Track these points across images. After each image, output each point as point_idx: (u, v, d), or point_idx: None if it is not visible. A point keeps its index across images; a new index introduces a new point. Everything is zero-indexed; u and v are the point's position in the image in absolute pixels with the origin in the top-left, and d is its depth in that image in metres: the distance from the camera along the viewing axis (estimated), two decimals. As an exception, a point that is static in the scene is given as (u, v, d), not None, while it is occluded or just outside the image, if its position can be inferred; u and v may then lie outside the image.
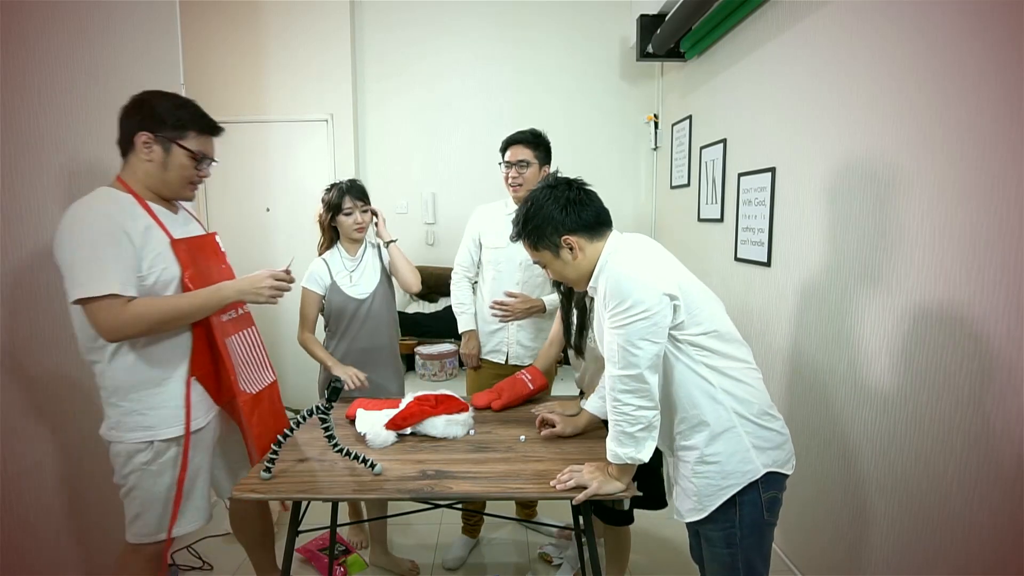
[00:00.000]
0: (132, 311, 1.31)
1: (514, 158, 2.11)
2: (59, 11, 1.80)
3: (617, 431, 1.29)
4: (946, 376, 1.43)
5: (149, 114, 1.39)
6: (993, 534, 1.30)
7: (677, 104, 3.46)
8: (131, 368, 1.42)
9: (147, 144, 1.40)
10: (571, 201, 1.32)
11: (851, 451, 1.79)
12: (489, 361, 2.23)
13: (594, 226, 1.33)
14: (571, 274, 1.36)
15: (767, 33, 2.28)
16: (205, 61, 3.56)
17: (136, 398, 1.43)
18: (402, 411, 1.64)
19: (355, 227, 2.01)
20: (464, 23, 3.74)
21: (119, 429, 1.44)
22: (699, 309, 1.28)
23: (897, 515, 1.60)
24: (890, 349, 1.61)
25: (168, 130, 1.40)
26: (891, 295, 1.60)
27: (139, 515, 1.49)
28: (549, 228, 1.32)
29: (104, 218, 1.33)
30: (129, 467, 1.46)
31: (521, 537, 2.47)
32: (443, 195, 3.82)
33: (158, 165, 1.42)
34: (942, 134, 1.41)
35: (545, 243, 1.33)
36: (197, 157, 1.45)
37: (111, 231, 1.32)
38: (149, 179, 1.43)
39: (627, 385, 1.24)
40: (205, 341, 1.50)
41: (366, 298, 2.03)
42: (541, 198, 1.34)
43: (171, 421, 1.46)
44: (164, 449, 1.46)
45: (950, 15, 1.39)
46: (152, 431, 1.44)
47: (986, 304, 1.31)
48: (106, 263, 1.30)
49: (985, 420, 1.32)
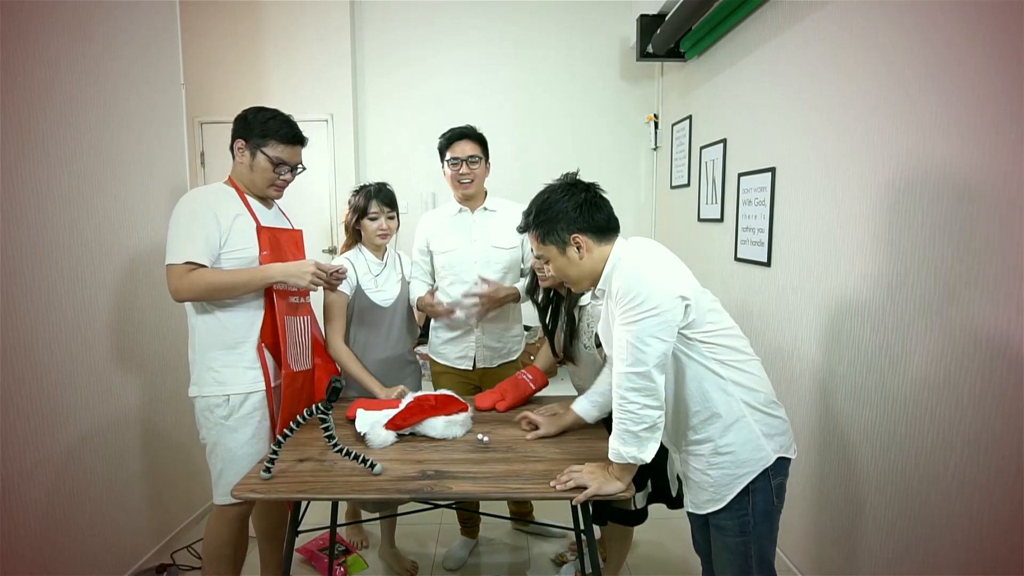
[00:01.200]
0: (190, 278, 1.54)
1: (464, 154, 2.03)
2: (59, 11, 1.80)
3: (621, 429, 1.29)
4: (946, 376, 1.43)
5: (245, 125, 1.67)
6: (993, 534, 1.30)
7: (677, 104, 3.46)
8: (212, 328, 1.65)
9: (241, 149, 1.68)
10: (586, 202, 1.34)
11: (851, 451, 1.79)
12: (456, 369, 2.15)
13: (604, 230, 1.35)
14: (573, 272, 1.37)
15: (767, 33, 2.28)
16: (205, 61, 3.56)
17: (214, 357, 1.65)
18: (402, 411, 1.64)
19: (379, 233, 1.96)
20: (464, 23, 3.74)
21: (199, 384, 1.66)
22: (707, 309, 1.32)
23: (897, 515, 1.60)
24: (890, 349, 1.61)
25: (255, 138, 1.66)
26: (891, 295, 1.60)
27: (222, 473, 1.67)
28: (561, 224, 1.33)
29: (198, 202, 1.60)
30: (211, 421, 1.66)
31: (521, 537, 2.47)
32: (443, 195, 3.82)
33: (247, 167, 1.69)
34: (942, 133, 1.41)
35: (554, 238, 1.35)
36: (274, 163, 1.68)
37: (201, 212, 1.58)
38: (243, 178, 1.71)
39: (634, 383, 1.25)
40: (271, 317, 1.70)
41: (390, 305, 1.99)
42: (557, 194, 1.36)
43: (240, 379, 1.66)
44: (238, 405, 1.66)
45: (950, 14, 1.39)
46: (223, 387, 1.65)
47: (986, 304, 1.31)
48: (189, 237, 1.55)
49: (985, 420, 1.32)
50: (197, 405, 1.68)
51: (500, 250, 2.09)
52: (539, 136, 3.80)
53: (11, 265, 1.65)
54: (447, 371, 2.16)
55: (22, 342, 1.68)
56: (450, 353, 2.15)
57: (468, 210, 2.13)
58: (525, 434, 1.67)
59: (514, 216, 2.15)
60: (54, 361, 1.80)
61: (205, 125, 3.68)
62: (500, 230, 2.10)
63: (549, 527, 2.43)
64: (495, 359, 2.15)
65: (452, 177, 2.07)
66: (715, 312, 1.34)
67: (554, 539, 2.43)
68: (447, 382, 2.13)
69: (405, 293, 2.06)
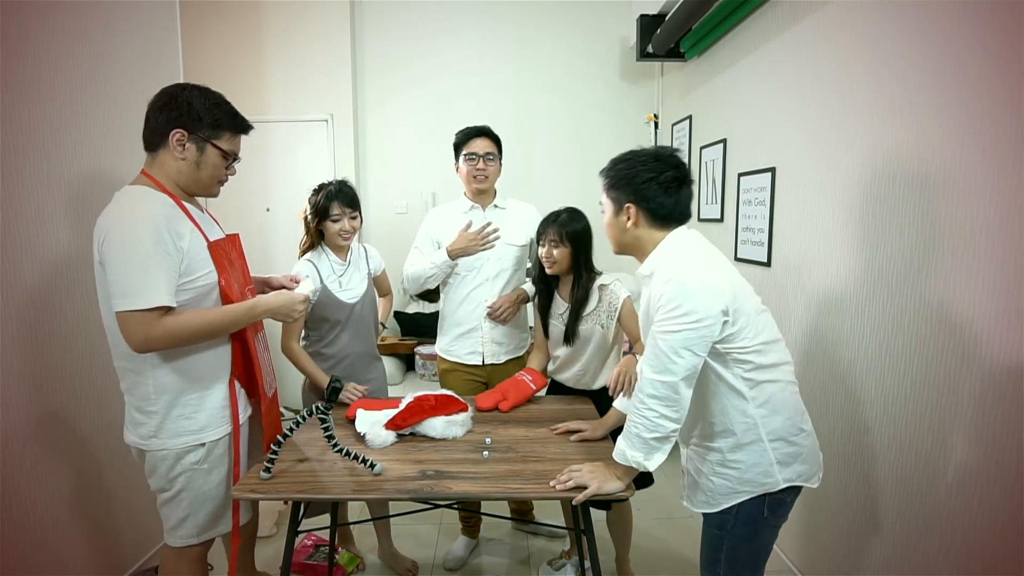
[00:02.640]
0: (164, 327, 1.28)
1: (482, 150, 2.08)
2: (59, 11, 1.80)
3: (632, 432, 1.28)
4: (946, 376, 1.42)
5: (185, 111, 1.35)
6: (993, 534, 1.30)
7: (677, 104, 3.46)
8: (181, 373, 1.40)
9: (181, 142, 1.36)
10: (663, 183, 1.29)
11: (851, 451, 1.79)
12: (465, 365, 2.17)
13: (664, 218, 1.32)
14: (613, 233, 1.37)
15: (767, 33, 2.28)
16: (205, 61, 3.55)
17: (185, 402, 1.41)
18: (402, 411, 1.64)
19: (341, 235, 1.93)
20: (464, 23, 3.74)
21: (161, 436, 1.40)
22: (750, 323, 1.25)
23: (897, 515, 1.60)
24: (890, 349, 1.61)
25: (205, 129, 1.37)
26: (891, 295, 1.60)
27: (187, 517, 1.46)
28: (628, 187, 1.31)
29: (152, 225, 1.28)
30: (177, 470, 1.43)
31: (521, 537, 2.47)
32: (443, 195, 3.82)
33: (191, 164, 1.38)
34: (942, 133, 1.41)
35: (616, 193, 1.33)
36: (229, 157, 1.44)
37: (160, 240, 1.28)
38: (180, 176, 1.39)
39: (657, 391, 1.23)
40: (239, 344, 1.51)
41: (356, 302, 1.98)
42: (643, 159, 1.32)
43: (218, 421, 1.46)
44: (213, 447, 1.46)
45: (951, 14, 1.39)
46: (199, 434, 1.43)
47: (986, 304, 1.30)
48: (156, 275, 1.27)
49: (985, 420, 1.32)
50: (158, 457, 1.42)
51: (511, 247, 2.13)
52: (539, 136, 3.80)
53: (11, 265, 1.65)
54: (455, 368, 2.18)
55: (22, 342, 1.68)
56: (459, 350, 2.17)
57: (479, 207, 2.16)
58: (526, 434, 1.67)
59: (523, 214, 2.19)
60: (54, 361, 1.80)
61: (205, 125, 3.68)
62: (510, 227, 2.13)
63: (549, 527, 2.43)
64: (502, 355, 2.17)
65: (468, 172, 2.10)
66: (757, 324, 1.27)
67: (554, 539, 2.43)
68: (455, 379, 2.16)
69: (371, 290, 2.06)
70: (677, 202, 1.32)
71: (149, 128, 1.38)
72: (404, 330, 3.57)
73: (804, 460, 1.31)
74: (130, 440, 1.45)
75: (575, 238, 1.83)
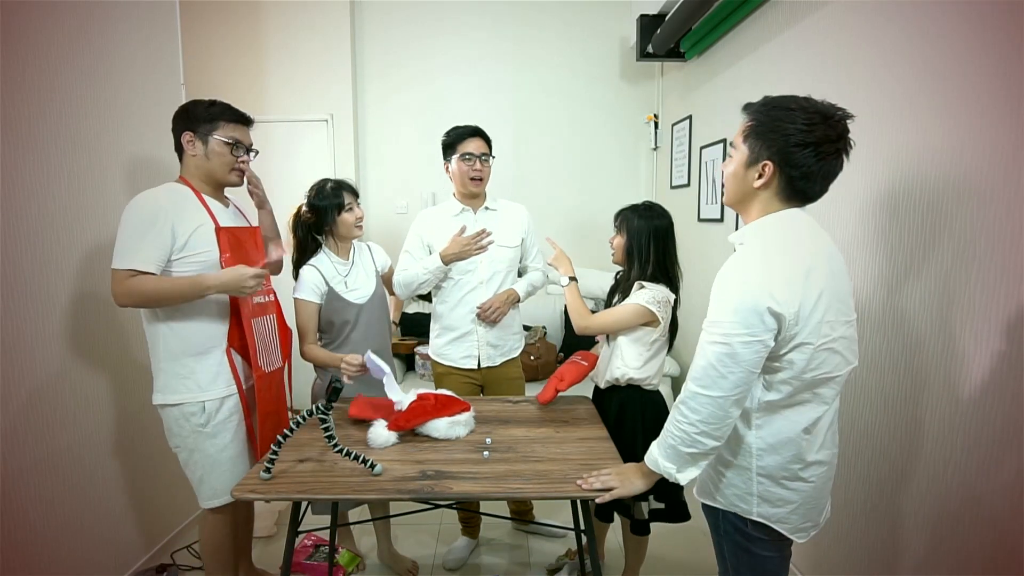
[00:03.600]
0: (128, 285, 1.51)
1: (478, 150, 2.04)
2: (59, 10, 1.80)
3: (668, 443, 1.18)
4: (946, 376, 1.43)
5: (187, 117, 1.65)
6: (993, 534, 1.30)
7: (677, 104, 3.46)
8: (183, 336, 1.63)
9: (190, 142, 1.65)
10: (821, 153, 1.07)
11: (851, 451, 1.79)
12: (460, 369, 2.15)
13: (797, 192, 1.11)
14: (732, 185, 1.17)
15: (767, 33, 2.28)
16: (205, 61, 3.56)
17: (183, 363, 1.64)
18: (404, 412, 1.64)
19: (357, 223, 1.95)
20: (464, 22, 3.74)
21: (167, 392, 1.64)
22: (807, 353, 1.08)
23: (897, 515, 1.60)
24: (890, 349, 1.61)
25: (204, 125, 1.64)
26: (891, 295, 1.60)
27: (203, 478, 1.69)
28: (778, 143, 1.08)
29: (151, 204, 1.55)
30: (186, 429, 1.65)
31: (521, 537, 2.47)
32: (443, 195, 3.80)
33: (202, 157, 1.66)
34: (942, 133, 1.41)
35: (757, 142, 1.10)
36: (231, 143, 1.66)
37: (155, 217, 1.54)
38: (199, 171, 1.67)
39: (702, 406, 1.10)
40: (236, 319, 1.70)
41: (366, 302, 1.97)
42: (811, 117, 1.07)
43: (216, 383, 1.67)
44: (215, 411, 1.67)
45: (950, 14, 1.39)
46: (199, 392, 1.64)
47: (986, 304, 1.31)
48: (138, 244, 1.52)
49: (985, 420, 1.32)
50: (169, 414, 1.66)
51: (503, 248, 2.10)
52: (539, 136, 3.80)
53: (11, 265, 1.65)
54: (451, 372, 2.16)
55: (22, 341, 1.68)
56: (454, 354, 2.15)
57: (470, 210, 2.13)
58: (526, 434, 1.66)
59: (514, 215, 2.17)
60: (55, 360, 1.80)
61: (205, 125, 3.69)
62: (502, 229, 2.11)
63: (549, 527, 2.43)
64: (497, 357, 2.16)
65: (464, 173, 2.05)
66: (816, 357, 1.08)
67: (554, 539, 2.43)
68: (451, 383, 2.14)
69: (381, 288, 2.05)
70: (826, 175, 1.10)
71: (174, 141, 1.68)
72: (404, 330, 3.57)
73: (794, 511, 1.16)
74: (154, 400, 1.67)
75: (631, 230, 1.75)
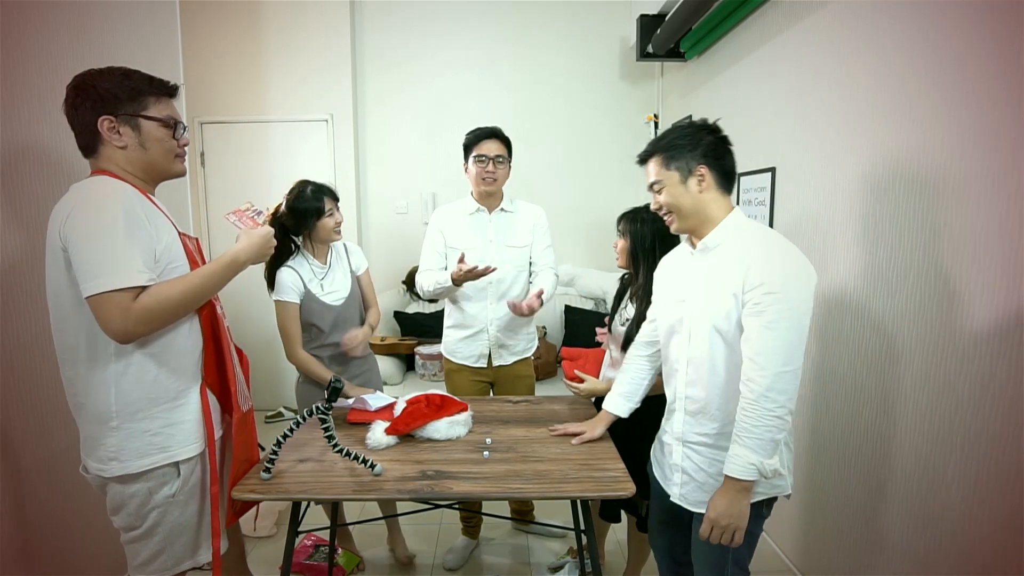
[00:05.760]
0: (143, 305, 1.13)
1: (492, 152, 2.05)
2: (58, 10, 1.80)
3: (766, 438, 1.17)
4: (946, 376, 1.43)
5: (98, 96, 1.20)
6: (993, 534, 1.30)
7: (677, 104, 3.46)
8: (150, 380, 1.23)
9: (112, 128, 1.21)
10: (717, 144, 1.31)
11: (851, 451, 1.79)
12: (470, 367, 2.16)
13: (728, 177, 1.31)
14: (687, 204, 1.31)
15: (767, 33, 2.28)
16: (205, 61, 3.55)
17: (151, 416, 1.23)
18: (402, 416, 1.64)
19: (336, 228, 1.94)
20: (464, 23, 3.74)
21: (123, 458, 1.22)
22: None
23: (897, 515, 1.60)
24: (890, 349, 1.61)
25: (126, 105, 1.21)
26: (891, 295, 1.60)
27: (161, 552, 1.29)
28: (691, 153, 1.29)
29: (123, 201, 1.15)
30: (150, 505, 1.26)
31: (521, 537, 2.47)
32: (443, 195, 3.82)
33: (135, 147, 1.23)
34: (942, 133, 1.41)
35: (679, 164, 1.30)
36: (170, 124, 1.26)
37: (132, 215, 1.15)
38: (132, 165, 1.24)
39: (787, 384, 1.17)
40: (212, 346, 1.34)
41: (341, 304, 1.96)
42: (692, 128, 1.33)
43: (191, 437, 1.28)
44: (189, 473, 1.29)
45: (950, 14, 1.39)
46: (169, 452, 1.25)
47: (986, 304, 1.31)
48: (130, 252, 1.13)
49: (985, 420, 1.32)
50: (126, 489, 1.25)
51: (514, 249, 2.13)
52: (539, 136, 3.80)
53: (11, 265, 1.65)
54: (461, 368, 2.18)
55: (22, 341, 1.68)
56: (465, 351, 2.16)
57: (485, 210, 2.14)
58: (526, 434, 1.66)
59: (529, 216, 2.17)
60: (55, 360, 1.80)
61: (205, 125, 3.67)
62: (514, 230, 2.13)
63: (550, 527, 2.43)
64: (509, 356, 2.17)
65: (477, 174, 2.07)
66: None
67: (555, 539, 2.43)
68: (461, 380, 2.16)
69: (355, 289, 2.03)
70: (733, 164, 1.32)
71: (77, 132, 1.23)
72: (404, 330, 3.57)
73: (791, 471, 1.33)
74: (90, 467, 1.26)
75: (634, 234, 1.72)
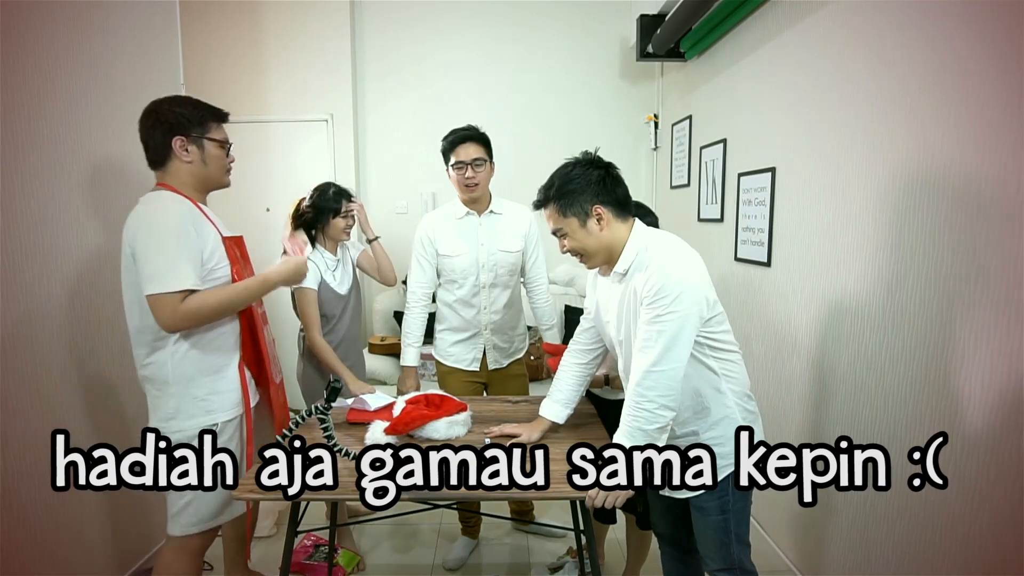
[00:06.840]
0: (188, 307, 1.42)
1: (469, 157, 1.99)
2: (58, 10, 1.80)
3: (633, 427, 1.30)
4: (946, 376, 1.42)
5: (175, 120, 1.51)
6: (993, 534, 1.30)
7: (677, 104, 3.46)
8: (197, 358, 1.53)
9: (184, 147, 1.52)
10: (607, 176, 1.36)
11: (851, 451, 1.79)
12: (464, 370, 2.15)
13: (623, 205, 1.37)
14: (591, 245, 1.37)
15: (767, 33, 2.28)
16: (205, 61, 3.56)
17: (199, 384, 1.53)
18: (401, 416, 1.63)
19: (347, 229, 2.12)
20: (464, 23, 3.74)
21: (178, 418, 1.52)
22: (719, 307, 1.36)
23: (897, 514, 1.60)
24: (890, 349, 1.61)
25: (196, 128, 1.53)
26: (891, 295, 1.60)
27: (190, 503, 1.53)
28: (584, 196, 1.34)
29: (177, 218, 1.45)
30: None
31: (521, 538, 2.47)
32: (443, 195, 3.82)
33: (198, 163, 1.55)
34: (942, 133, 1.41)
35: (575, 209, 1.35)
36: (225, 145, 1.60)
37: (184, 231, 1.44)
38: (193, 178, 1.55)
39: (657, 381, 1.27)
40: (248, 330, 1.64)
41: (348, 293, 2.13)
42: (578, 168, 1.37)
43: (230, 404, 1.58)
44: (221, 432, 1.55)
45: (951, 15, 1.39)
46: (214, 415, 1.54)
47: (986, 304, 1.30)
48: (182, 261, 1.42)
49: (985, 420, 1.32)
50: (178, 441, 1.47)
51: (506, 253, 2.10)
52: (539, 136, 3.80)
53: (11, 265, 1.65)
54: (454, 371, 2.17)
55: (22, 342, 1.68)
56: (459, 355, 2.15)
57: (475, 213, 2.11)
58: None
59: (520, 220, 2.15)
60: (55, 360, 1.80)
61: (205, 125, 3.69)
62: (506, 233, 2.11)
63: (549, 527, 2.43)
64: (503, 359, 2.17)
65: (458, 181, 2.03)
66: (718, 304, 1.37)
67: (554, 539, 2.43)
68: (454, 382, 2.15)
69: (356, 279, 2.22)
70: (625, 191, 1.38)
71: (151, 149, 1.53)
72: (404, 330, 3.57)
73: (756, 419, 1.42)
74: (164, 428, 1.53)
75: None
